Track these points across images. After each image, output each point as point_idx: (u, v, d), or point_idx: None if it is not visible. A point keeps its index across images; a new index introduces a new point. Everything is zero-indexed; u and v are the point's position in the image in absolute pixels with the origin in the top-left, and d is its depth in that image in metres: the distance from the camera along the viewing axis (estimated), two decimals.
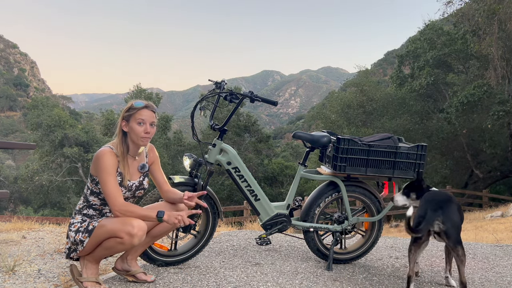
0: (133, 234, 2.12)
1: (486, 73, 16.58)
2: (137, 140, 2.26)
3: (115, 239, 2.15)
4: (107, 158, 2.19)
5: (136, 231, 2.12)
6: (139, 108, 2.26)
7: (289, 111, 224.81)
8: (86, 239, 2.19)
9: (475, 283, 2.86)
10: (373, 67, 67.48)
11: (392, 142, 2.95)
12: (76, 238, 2.19)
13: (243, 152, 22.89)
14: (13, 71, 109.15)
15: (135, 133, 2.25)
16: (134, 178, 2.34)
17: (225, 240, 3.66)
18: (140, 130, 2.24)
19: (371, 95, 20.64)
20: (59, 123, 25.13)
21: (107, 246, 2.19)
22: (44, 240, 3.43)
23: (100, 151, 2.22)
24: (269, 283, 2.55)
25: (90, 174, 2.29)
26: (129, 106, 2.28)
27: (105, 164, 2.18)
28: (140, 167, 2.36)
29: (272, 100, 2.79)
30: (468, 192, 16.76)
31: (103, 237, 2.18)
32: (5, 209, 27.70)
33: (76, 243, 2.20)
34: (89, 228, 2.20)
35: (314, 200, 3.02)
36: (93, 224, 2.22)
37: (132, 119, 2.25)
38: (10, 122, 79.63)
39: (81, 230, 2.20)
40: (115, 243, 2.16)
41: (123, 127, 2.27)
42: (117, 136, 2.30)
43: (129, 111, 2.26)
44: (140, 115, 2.25)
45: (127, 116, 2.26)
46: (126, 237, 2.12)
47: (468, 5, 15.69)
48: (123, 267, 2.43)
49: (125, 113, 2.27)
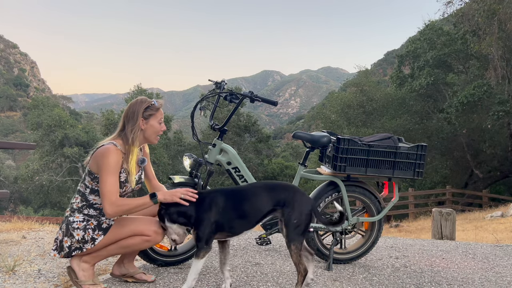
0: (160, 232, 2.22)
1: (486, 73, 16.58)
2: (153, 138, 2.32)
3: (142, 237, 2.20)
4: (113, 156, 2.15)
5: (152, 236, 2.21)
6: (158, 107, 2.32)
7: (289, 111, 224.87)
8: (99, 237, 2.17)
9: (475, 283, 2.86)
10: (373, 67, 67.57)
11: (392, 142, 2.95)
12: (86, 236, 2.16)
13: (243, 152, 22.90)
14: (13, 71, 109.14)
15: (154, 131, 2.30)
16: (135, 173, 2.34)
17: None
18: (159, 128, 2.32)
19: (371, 95, 20.65)
20: (60, 123, 25.16)
21: (127, 244, 2.21)
22: (44, 240, 3.43)
23: (105, 148, 2.16)
24: (269, 283, 2.55)
25: (89, 171, 2.22)
26: (148, 105, 2.28)
27: (110, 162, 2.14)
28: (140, 161, 2.34)
29: (272, 100, 2.79)
30: (468, 192, 16.78)
31: (124, 235, 2.19)
32: (5, 209, 27.69)
33: (84, 241, 2.16)
34: (103, 226, 2.19)
35: (314, 200, 3.02)
36: (107, 223, 2.21)
37: (153, 117, 2.29)
38: (10, 122, 79.62)
39: (91, 228, 2.18)
40: (141, 241, 2.21)
41: (141, 125, 2.27)
42: (118, 132, 2.28)
43: (149, 110, 2.28)
44: (161, 114, 2.33)
45: (148, 115, 2.27)
46: (154, 235, 2.20)
47: (468, 5, 15.69)
48: (121, 271, 2.43)
49: (145, 112, 2.27)
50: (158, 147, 22.81)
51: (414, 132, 18.36)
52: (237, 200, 2.21)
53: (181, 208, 2.15)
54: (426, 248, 3.95)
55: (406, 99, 19.66)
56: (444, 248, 3.99)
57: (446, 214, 5.17)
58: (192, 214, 2.15)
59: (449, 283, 2.86)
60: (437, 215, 5.21)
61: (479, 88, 16.10)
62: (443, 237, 5.10)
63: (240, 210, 2.19)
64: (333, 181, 3.02)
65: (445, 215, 5.16)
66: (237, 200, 2.21)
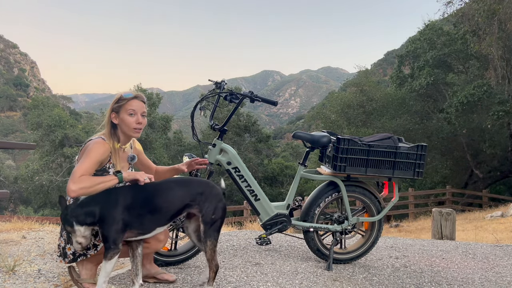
0: (161, 240, 2.16)
1: (486, 73, 16.58)
2: (129, 131, 2.18)
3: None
4: (97, 147, 2.08)
5: (163, 238, 2.17)
6: (129, 98, 2.18)
7: (289, 111, 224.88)
8: (101, 243, 2.13)
9: (475, 283, 2.86)
10: (373, 67, 67.57)
11: (392, 142, 2.95)
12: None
13: (243, 152, 22.90)
14: (13, 71, 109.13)
15: (126, 124, 2.16)
16: (124, 169, 2.27)
17: (225, 240, 3.65)
18: (132, 121, 2.16)
19: (371, 95, 20.65)
20: (60, 123, 25.14)
21: (125, 250, 2.16)
22: (44, 240, 3.43)
23: (92, 141, 2.12)
24: (269, 283, 2.55)
25: None
26: (118, 97, 2.19)
27: (92, 151, 2.06)
28: (129, 158, 2.29)
29: (272, 100, 2.79)
30: (468, 192, 16.78)
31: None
32: (5, 209, 27.68)
33: (87, 247, 2.14)
34: None
35: (314, 200, 3.02)
36: None
37: (123, 110, 2.16)
38: (10, 122, 79.62)
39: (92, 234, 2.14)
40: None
41: (112, 119, 2.18)
42: (105, 128, 2.21)
43: (119, 102, 2.17)
44: (131, 105, 2.17)
45: (117, 108, 2.17)
46: (154, 242, 2.14)
47: (468, 5, 15.68)
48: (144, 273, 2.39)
49: (115, 105, 2.18)
50: (158, 147, 22.80)
51: (414, 132, 18.36)
52: (148, 195, 2.07)
53: (87, 208, 2.00)
54: (426, 248, 3.95)
55: (406, 99, 19.65)
56: (444, 248, 3.99)
57: (446, 214, 5.17)
58: (98, 212, 1.99)
59: (449, 283, 2.86)
60: (437, 215, 5.21)
61: (479, 88, 16.10)
62: (443, 237, 5.10)
63: (151, 206, 2.05)
64: (333, 181, 3.02)
65: (445, 215, 5.16)
66: (148, 195, 2.07)
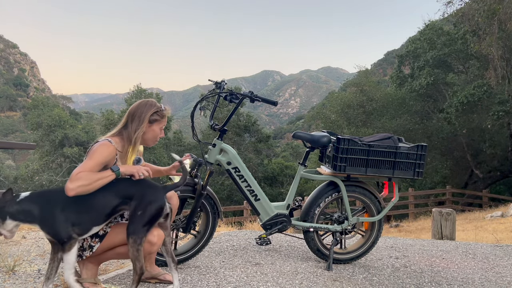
0: (154, 242, 2.14)
1: (486, 73, 16.58)
2: (151, 142, 2.34)
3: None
4: (103, 149, 2.11)
5: (156, 240, 2.15)
6: (166, 114, 2.35)
7: (289, 111, 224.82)
8: (96, 244, 2.15)
9: (475, 283, 2.86)
10: (373, 67, 67.63)
11: (392, 142, 2.95)
12: (84, 244, 2.15)
13: (243, 152, 22.90)
14: (13, 71, 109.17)
15: (154, 135, 2.32)
16: None
17: (225, 240, 3.66)
18: (159, 134, 2.35)
19: (371, 95, 20.66)
20: (59, 123, 25.16)
21: (121, 252, 2.18)
22: (44, 240, 3.43)
23: (99, 143, 2.14)
24: (269, 283, 2.55)
25: None
26: (156, 111, 2.29)
27: (99, 153, 2.09)
28: (136, 160, 2.31)
29: (272, 100, 2.79)
30: (468, 192, 16.79)
31: (118, 243, 2.16)
32: None
33: (82, 249, 2.15)
34: (100, 233, 2.17)
35: (314, 200, 3.02)
36: (104, 229, 2.18)
37: (157, 123, 2.31)
38: (10, 122, 79.64)
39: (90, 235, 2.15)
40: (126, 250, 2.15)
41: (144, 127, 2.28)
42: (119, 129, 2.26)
43: (156, 115, 2.29)
44: (165, 122, 2.37)
45: (153, 120, 2.29)
46: (147, 245, 2.12)
47: (468, 5, 15.68)
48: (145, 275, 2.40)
49: (152, 117, 2.28)
50: (158, 147, 22.79)
51: (414, 132, 18.37)
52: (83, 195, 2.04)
53: (26, 206, 2.00)
54: (426, 248, 3.95)
55: (406, 99, 19.66)
56: (444, 248, 3.99)
57: (446, 214, 5.17)
58: (36, 212, 2.00)
59: (449, 283, 2.87)
60: (437, 215, 5.21)
61: (479, 88, 16.11)
62: (443, 237, 5.10)
63: (86, 205, 2.03)
64: (333, 181, 3.02)
65: (445, 215, 5.16)
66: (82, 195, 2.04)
